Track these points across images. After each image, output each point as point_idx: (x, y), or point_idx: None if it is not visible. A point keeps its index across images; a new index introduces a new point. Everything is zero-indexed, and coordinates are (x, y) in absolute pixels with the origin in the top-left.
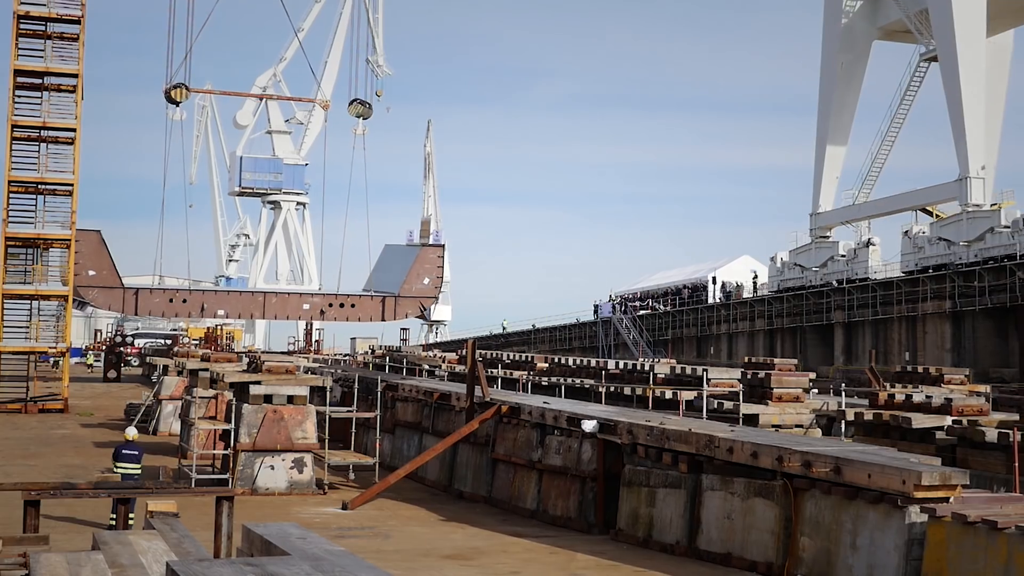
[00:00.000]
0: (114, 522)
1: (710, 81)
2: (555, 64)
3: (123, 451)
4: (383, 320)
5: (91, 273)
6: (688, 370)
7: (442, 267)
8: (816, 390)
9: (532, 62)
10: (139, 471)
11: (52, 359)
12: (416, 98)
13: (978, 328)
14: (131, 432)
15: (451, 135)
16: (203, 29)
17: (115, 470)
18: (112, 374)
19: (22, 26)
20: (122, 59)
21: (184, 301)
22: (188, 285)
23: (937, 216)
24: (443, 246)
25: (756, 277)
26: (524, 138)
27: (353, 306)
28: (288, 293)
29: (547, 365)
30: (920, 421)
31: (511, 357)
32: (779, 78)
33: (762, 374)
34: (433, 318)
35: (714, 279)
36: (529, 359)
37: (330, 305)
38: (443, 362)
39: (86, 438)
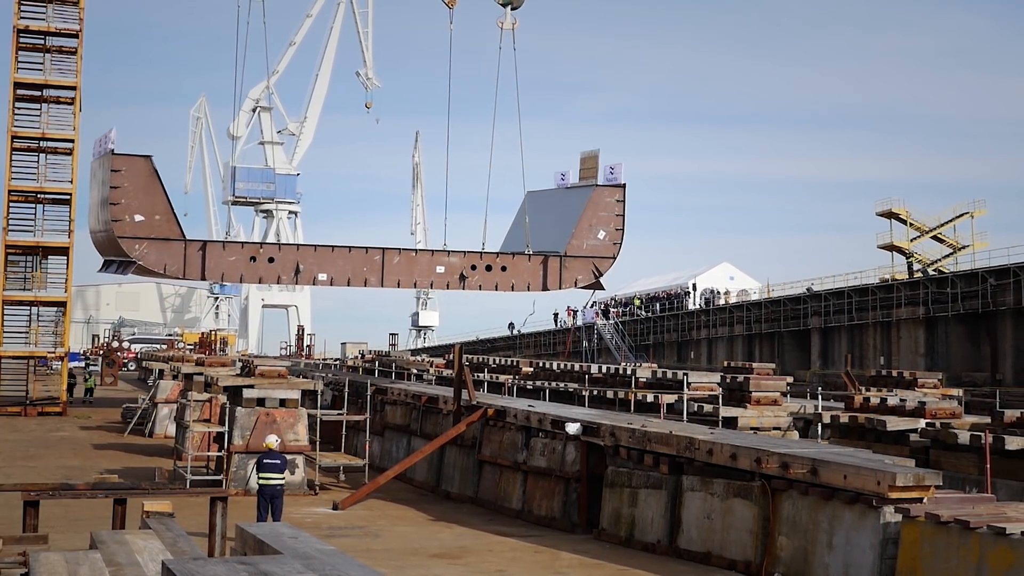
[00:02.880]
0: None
1: (687, 92)
2: (539, 74)
3: (264, 461)
4: (544, 289)
5: (137, 219)
6: (669, 374)
7: (622, 216)
8: (793, 393)
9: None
10: (283, 480)
11: (79, 365)
12: (405, 110)
13: (951, 333)
14: (272, 440)
15: (440, 145)
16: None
17: (259, 481)
18: (109, 378)
19: (22, 40)
20: (121, 71)
21: (271, 260)
22: (183, 292)
23: (911, 224)
24: (623, 186)
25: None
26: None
27: (504, 269)
28: (416, 251)
29: (532, 369)
30: (894, 424)
31: (497, 362)
32: (762, 89)
33: (741, 378)
34: (421, 324)
35: (694, 285)
36: (514, 363)
37: (473, 268)
38: (431, 366)
39: (84, 440)
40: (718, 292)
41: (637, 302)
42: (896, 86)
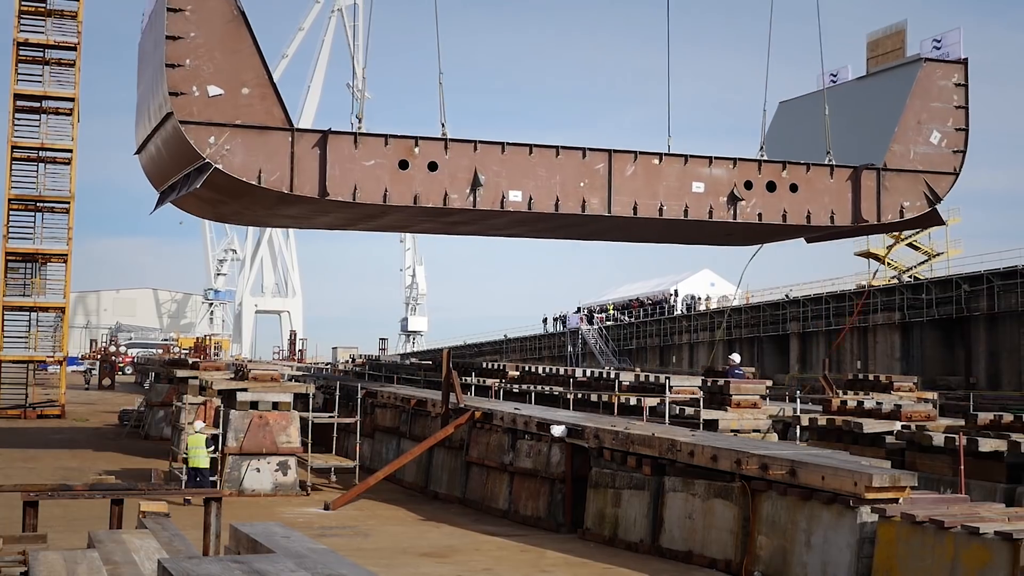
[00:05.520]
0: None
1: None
2: (520, 81)
3: None
4: (856, 223)
5: (213, 92)
6: (651, 378)
7: (965, 109)
8: (773, 397)
9: (504, 80)
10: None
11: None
12: (396, 121)
13: (926, 338)
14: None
15: None
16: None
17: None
18: (107, 382)
19: (21, 52)
20: (121, 78)
21: (432, 167)
22: (179, 298)
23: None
24: (964, 62)
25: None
26: None
27: (794, 189)
28: (660, 155)
29: (518, 373)
30: (871, 426)
31: (484, 365)
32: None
33: (721, 382)
34: (410, 328)
35: (676, 292)
36: (501, 367)
37: (748, 186)
38: (420, 370)
39: (82, 442)
40: (699, 298)
41: (611, 308)
42: None
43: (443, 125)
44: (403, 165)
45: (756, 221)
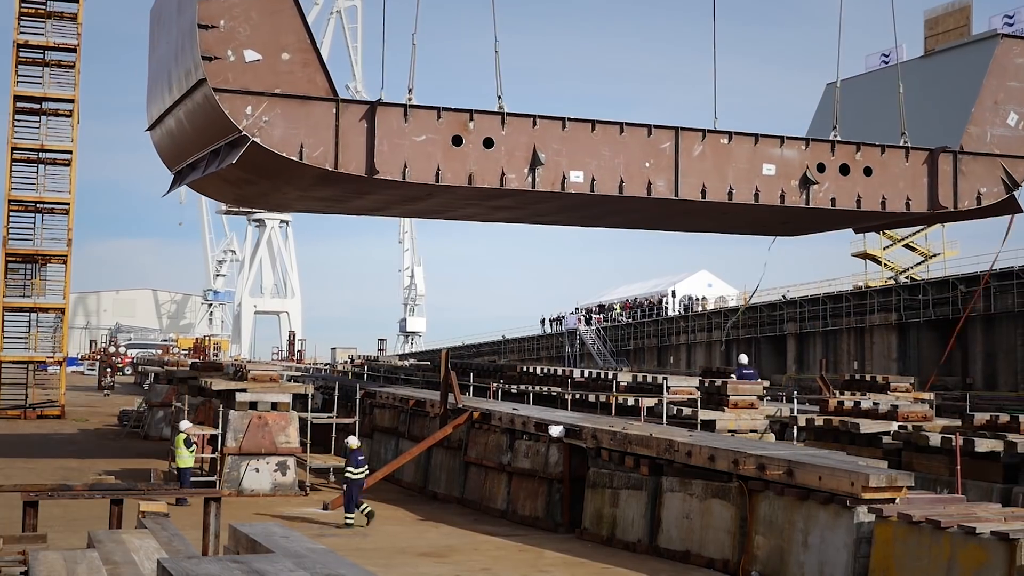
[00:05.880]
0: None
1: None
2: (517, 83)
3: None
4: (932, 209)
5: (250, 57)
6: (649, 378)
7: None
8: (770, 397)
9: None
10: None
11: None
12: None
13: (922, 339)
14: (352, 441)
15: None
16: None
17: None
18: (107, 383)
19: (21, 54)
20: (121, 81)
21: (488, 144)
22: (178, 298)
23: (883, 233)
24: None
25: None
26: None
27: (869, 173)
28: (730, 135)
29: (516, 373)
30: (868, 426)
31: (496, 362)
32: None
33: (719, 382)
34: (409, 329)
35: (673, 292)
36: (498, 367)
37: (820, 169)
38: (418, 371)
39: (82, 443)
40: (697, 299)
41: (617, 308)
42: None
43: (499, 98)
44: (456, 141)
45: (830, 207)
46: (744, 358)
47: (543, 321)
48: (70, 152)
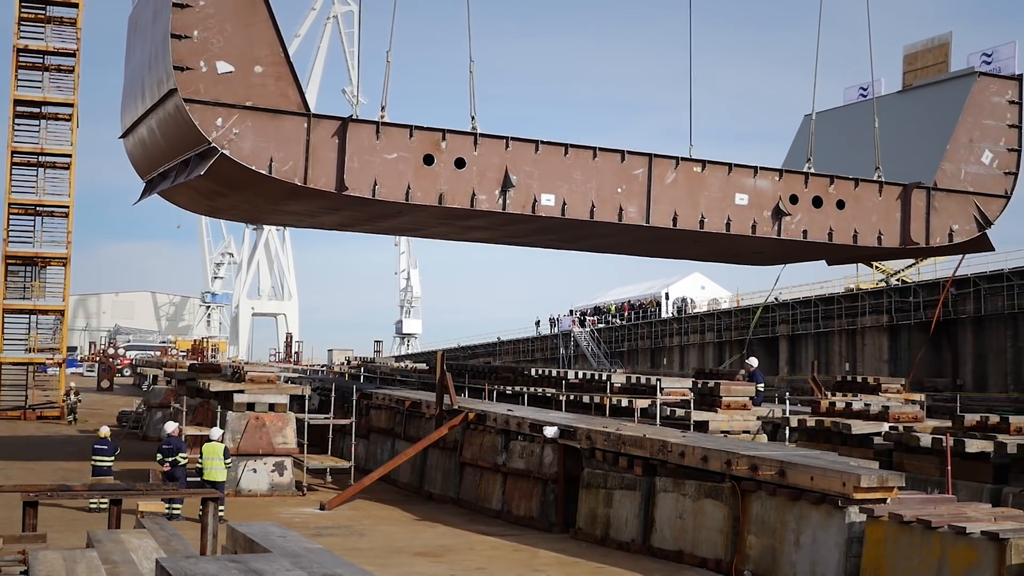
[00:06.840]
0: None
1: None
2: (517, 86)
3: (96, 446)
4: (904, 245)
5: (222, 68)
6: (643, 380)
7: (1020, 128)
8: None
9: (496, 86)
10: (111, 462)
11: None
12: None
13: (913, 340)
14: (104, 430)
15: None
16: None
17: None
18: (105, 383)
19: (21, 59)
20: (118, 87)
21: (460, 164)
22: (177, 300)
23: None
24: (1020, 79)
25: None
26: None
27: (841, 206)
28: (703, 164)
29: (511, 375)
30: (859, 427)
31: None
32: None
33: (712, 383)
34: (405, 331)
35: (667, 295)
36: (494, 369)
37: (793, 200)
38: (414, 373)
39: (81, 443)
40: (690, 301)
41: (613, 309)
42: None
43: (472, 118)
44: (428, 160)
45: (801, 239)
46: (754, 361)
47: (538, 323)
48: (70, 156)
